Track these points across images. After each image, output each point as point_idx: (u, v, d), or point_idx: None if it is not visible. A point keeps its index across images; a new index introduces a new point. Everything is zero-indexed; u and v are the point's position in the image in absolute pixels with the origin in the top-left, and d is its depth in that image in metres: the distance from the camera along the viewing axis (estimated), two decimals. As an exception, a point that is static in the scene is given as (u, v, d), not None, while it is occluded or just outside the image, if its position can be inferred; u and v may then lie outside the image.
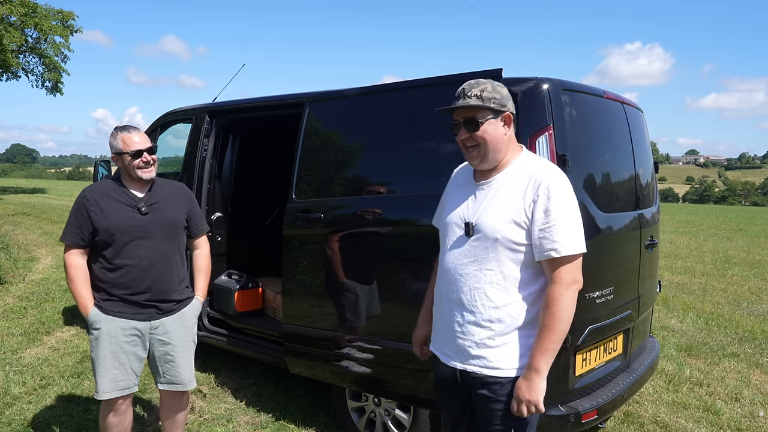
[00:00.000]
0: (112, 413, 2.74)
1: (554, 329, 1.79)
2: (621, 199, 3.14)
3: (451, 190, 2.13)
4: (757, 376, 4.80)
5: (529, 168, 1.89)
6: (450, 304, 1.97)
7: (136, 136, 2.67)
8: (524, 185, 1.85)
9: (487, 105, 1.85)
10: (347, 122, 3.42)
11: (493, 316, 1.87)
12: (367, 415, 3.38)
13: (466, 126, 1.88)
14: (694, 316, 6.74)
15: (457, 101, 1.89)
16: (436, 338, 2.09)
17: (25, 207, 18.93)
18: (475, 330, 1.90)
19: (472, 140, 1.88)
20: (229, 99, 4.54)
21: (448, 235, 2.01)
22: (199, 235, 2.98)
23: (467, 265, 1.91)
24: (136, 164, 2.65)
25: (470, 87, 1.88)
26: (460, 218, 1.97)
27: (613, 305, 2.95)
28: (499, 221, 1.85)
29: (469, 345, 1.92)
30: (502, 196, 1.88)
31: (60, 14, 24.88)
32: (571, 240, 1.80)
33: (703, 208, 58.82)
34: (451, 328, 1.96)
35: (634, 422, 3.77)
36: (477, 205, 1.93)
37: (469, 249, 1.91)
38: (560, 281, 1.80)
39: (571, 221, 1.82)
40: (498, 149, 1.89)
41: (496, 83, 1.90)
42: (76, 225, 2.65)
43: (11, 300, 6.56)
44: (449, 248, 1.99)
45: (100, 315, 2.64)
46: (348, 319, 3.19)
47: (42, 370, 4.43)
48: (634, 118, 3.41)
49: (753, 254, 13.32)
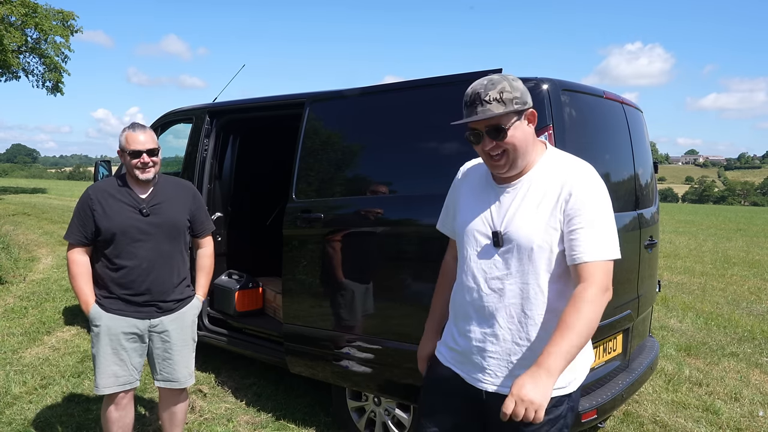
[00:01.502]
0: (114, 407, 2.76)
1: (579, 332, 1.56)
2: (620, 199, 3.14)
3: (464, 193, 1.90)
4: (757, 376, 4.80)
5: (559, 167, 1.71)
6: (480, 322, 1.77)
7: (141, 135, 2.65)
8: (557, 186, 1.67)
9: (510, 109, 1.63)
10: (347, 122, 3.42)
11: (532, 334, 1.70)
12: (367, 415, 3.38)
13: (491, 135, 1.66)
14: (694, 316, 6.74)
15: (474, 108, 1.65)
16: (455, 355, 1.88)
17: (26, 207, 18.94)
18: (513, 349, 1.72)
19: (499, 148, 1.67)
20: (230, 99, 4.55)
21: (469, 245, 1.80)
22: (204, 234, 2.96)
23: (500, 279, 1.72)
24: (134, 164, 2.64)
25: (485, 90, 1.64)
26: (484, 226, 1.76)
27: (613, 305, 2.95)
28: (534, 228, 1.67)
29: (504, 365, 1.74)
30: (533, 200, 1.69)
31: (60, 14, 24.89)
32: (605, 244, 1.63)
33: (702, 208, 58.82)
34: (483, 348, 1.77)
35: (633, 422, 3.78)
36: (504, 211, 1.73)
37: (500, 261, 1.72)
38: (596, 284, 1.60)
39: (605, 224, 1.65)
40: (527, 152, 1.70)
41: (510, 77, 1.68)
42: (79, 223, 2.67)
43: (12, 300, 6.57)
44: (473, 260, 1.78)
45: (100, 312, 2.67)
46: (348, 319, 3.19)
47: (42, 369, 4.44)
48: (634, 119, 3.41)
49: (752, 254, 13.33)
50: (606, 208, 1.67)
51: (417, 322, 2.34)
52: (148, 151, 2.65)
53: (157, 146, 2.71)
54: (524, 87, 1.70)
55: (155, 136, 2.73)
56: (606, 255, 1.63)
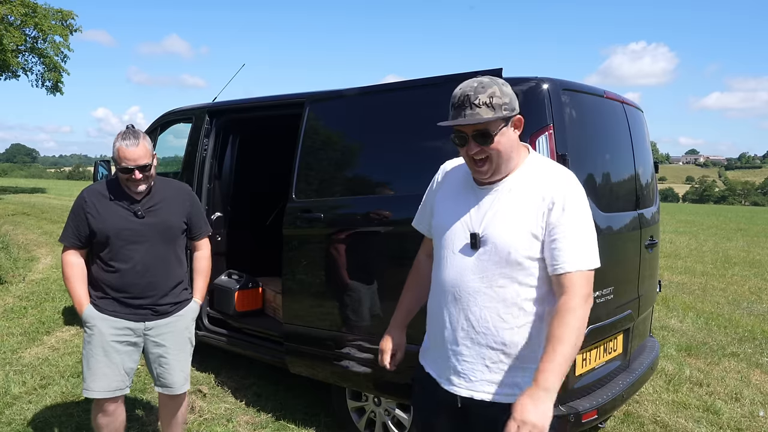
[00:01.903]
0: (101, 414, 2.73)
1: (570, 343, 1.56)
2: (621, 199, 3.14)
3: (443, 193, 1.90)
4: (757, 376, 4.80)
5: (541, 173, 1.70)
6: (453, 324, 1.76)
7: (134, 150, 2.49)
8: (539, 193, 1.66)
9: (499, 115, 1.62)
10: (347, 122, 3.41)
11: (507, 339, 1.68)
12: (367, 415, 3.38)
13: (477, 139, 1.65)
14: (694, 316, 6.74)
15: (463, 110, 1.63)
16: (432, 360, 1.89)
17: (25, 207, 18.92)
18: (487, 353, 1.70)
19: (483, 153, 1.66)
20: (230, 99, 4.54)
21: (447, 246, 1.78)
22: (201, 237, 2.93)
23: (475, 281, 1.70)
24: (125, 178, 2.57)
25: (475, 92, 1.62)
26: (462, 228, 1.75)
27: (613, 305, 2.95)
28: (512, 233, 1.65)
29: (479, 369, 1.72)
30: (513, 204, 1.68)
31: (60, 14, 24.87)
32: (586, 253, 1.63)
33: (703, 207, 58.80)
34: (456, 351, 1.76)
35: (634, 422, 3.77)
36: (483, 213, 1.72)
37: (477, 263, 1.70)
38: (578, 294, 1.60)
39: (586, 234, 1.65)
40: (510, 158, 1.69)
41: (500, 82, 1.66)
42: (73, 226, 2.64)
43: (11, 300, 6.56)
44: (450, 261, 1.77)
45: (94, 313, 2.64)
46: (348, 319, 3.19)
47: (42, 369, 4.43)
48: (634, 118, 3.41)
49: (753, 254, 13.32)
50: (587, 218, 1.68)
51: (418, 323, 2.32)
52: (139, 168, 2.53)
53: (150, 160, 2.57)
54: (513, 93, 1.69)
55: (149, 145, 2.59)
56: (587, 265, 1.63)
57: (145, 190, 2.63)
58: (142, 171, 2.55)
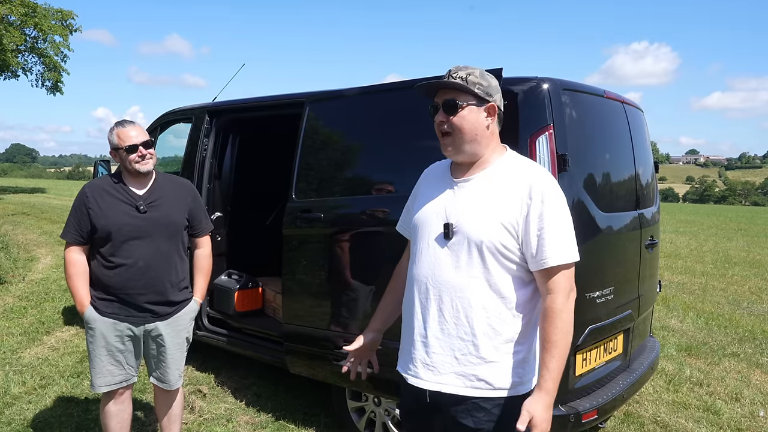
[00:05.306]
0: (113, 402, 2.77)
1: (561, 345, 1.62)
2: (621, 198, 3.14)
3: (423, 186, 1.91)
4: (758, 376, 4.80)
5: (517, 169, 1.72)
6: (425, 315, 1.75)
7: (132, 130, 2.64)
8: (514, 187, 1.67)
9: (470, 88, 1.67)
10: (347, 122, 3.41)
11: (478, 330, 1.67)
12: (367, 415, 3.38)
13: (444, 108, 1.71)
14: (694, 316, 6.74)
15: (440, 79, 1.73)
16: (403, 357, 1.87)
17: (25, 207, 18.93)
18: (457, 344, 1.69)
19: (447, 125, 1.70)
20: (230, 98, 4.54)
21: (422, 236, 1.78)
22: (202, 234, 2.93)
23: (449, 270, 1.70)
24: (132, 159, 2.63)
25: (456, 69, 1.71)
26: (437, 218, 1.75)
27: (614, 305, 2.94)
28: (484, 224, 1.66)
29: (448, 362, 1.70)
30: (486, 197, 1.69)
31: (59, 13, 24.85)
32: (568, 248, 1.65)
33: (703, 207, 58.81)
34: (425, 342, 1.74)
35: (634, 422, 3.77)
36: (456, 203, 1.73)
37: (449, 253, 1.70)
38: (560, 291, 1.64)
39: (567, 228, 1.67)
40: (476, 140, 1.70)
41: (486, 72, 1.73)
42: (75, 222, 2.64)
43: (11, 300, 6.56)
44: (424, 252, 1.76)
45: (94, 315, 2.64)
46: (348, 319, 3.18)
47: (42, 369, 4.43)
48: (635, 118, 3.41)
49: (753, 254, 13.32)
50: (566, 213, 1.69)
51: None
52: (143, 144, 2.63)
53: (150, 138, 2.71)
54: (497, 85, 1.74)
55: (144, 128, 2.73)
56: (569, 258, 1.66)
57: (149, 169, 2.68)
58: (146, 147, 2.65)
